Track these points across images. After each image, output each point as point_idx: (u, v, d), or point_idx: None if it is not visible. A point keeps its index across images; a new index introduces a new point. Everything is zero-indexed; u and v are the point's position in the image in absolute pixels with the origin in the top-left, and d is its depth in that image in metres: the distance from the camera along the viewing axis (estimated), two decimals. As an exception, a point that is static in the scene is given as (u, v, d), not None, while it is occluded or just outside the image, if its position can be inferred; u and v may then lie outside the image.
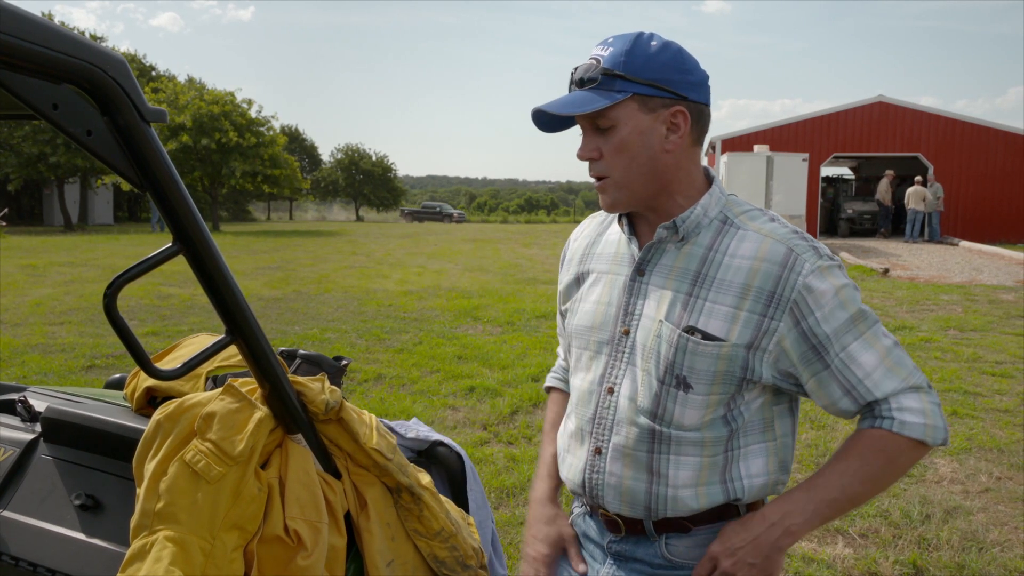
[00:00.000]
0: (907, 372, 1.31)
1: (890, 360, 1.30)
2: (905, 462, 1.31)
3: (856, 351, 1.28)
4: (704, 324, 1.29)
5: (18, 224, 32.31)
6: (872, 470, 1.30)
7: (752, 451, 1.36)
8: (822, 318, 1.26)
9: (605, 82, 1.26)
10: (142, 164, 1.14)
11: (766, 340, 1.28)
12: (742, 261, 1.29)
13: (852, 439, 1.34)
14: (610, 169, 1.31)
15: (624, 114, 1.27)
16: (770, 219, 1.34)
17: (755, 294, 1.27)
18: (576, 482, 1.46)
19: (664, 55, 1.28)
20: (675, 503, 1.35)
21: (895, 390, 1.29)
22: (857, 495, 1.31)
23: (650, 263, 1.37)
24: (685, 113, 1.30)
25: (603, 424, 1.40)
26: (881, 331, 1.31)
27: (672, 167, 1.32)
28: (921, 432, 1.29)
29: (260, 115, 31.22)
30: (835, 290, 1.27)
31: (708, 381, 1.30)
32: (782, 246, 1.28)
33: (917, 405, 1.30)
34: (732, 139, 25.40)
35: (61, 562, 1.49)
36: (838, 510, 1.33)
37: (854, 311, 1.28)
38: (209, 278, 1.26)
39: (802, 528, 1.31)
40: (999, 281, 13.03)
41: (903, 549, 3.50)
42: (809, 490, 1.32)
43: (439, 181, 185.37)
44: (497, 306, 10.07)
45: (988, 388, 6.16)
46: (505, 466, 4.40)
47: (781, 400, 1.38)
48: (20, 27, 0.94)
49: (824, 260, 1.28)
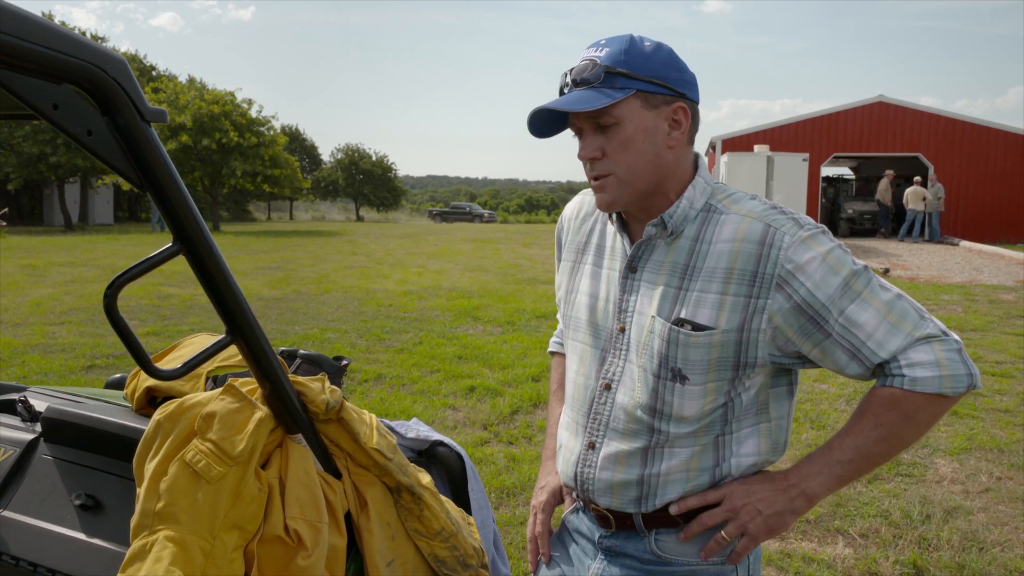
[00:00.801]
0: (912, 324, 1.26)
1: (893, 315, 1.26)
2: (926, 417, 1.27)
3: (854, 313, 1.25)
4: (693, 315, 1.30)
5: (18, 224, 32.31)
6: (888, 430, 1.28)
7: (744, 434, 1.36)
8: (814, 287, 1.24)
9: (607, 80, 1.27)
10: (142, 164, 1.14)
11: (756, 320, 1.27)
12: (723, 246, 1.29)
13: (866, 398, 1.31)
14: (614, 167, 1.31)
15: (628, 111, 1.28)
16: (750, 198, 1.34)
17: (738, 276, 1.27)
18: (568, 475, 1.47)
19: (660, 54, 1.29)
20: (664, 490, 1.36)
21: (901, 346, 1.26)
22: (875, 455, 1.29)
23: (641, 259, 1.38)
24: (686, 109, 1.31)
25: (599, 420, 1.41)
26: (878, 285, 1.27)
27: (672, 164, 1.33)
28: (937, 385, 1.25)
29: (260, 115, 31.21)
30: (822, 256, 1.24)
31: (703, 370, 1.31)
32: (759, 223, 1.28)
33: (928, 357, 1.25)
34: (732, 139, 25.40)
35: (61, 562, 1.49)
36: (855, 471, 1.30)
37: (846, 273, 1.25)
38: (209, 278, 1.26)
39: (819, 490, 1.30)
40: (999, 281, 13.03)
41: (903, 549, 3.50)
42: (825, 453, 1.31)
43: (439, 181, 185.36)
44: (497, 306, 10.07)
45: (988, 388, 6.16)
46: (505, 466, 4.40)
47: (779, 382, 1.37)
48: (20, 27, 0.94)
49: (805, 229, 1.26)
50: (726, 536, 1.34)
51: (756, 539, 1.33)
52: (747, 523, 1.32)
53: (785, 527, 1.33)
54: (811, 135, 25.24)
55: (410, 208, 63.25)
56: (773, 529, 1.33)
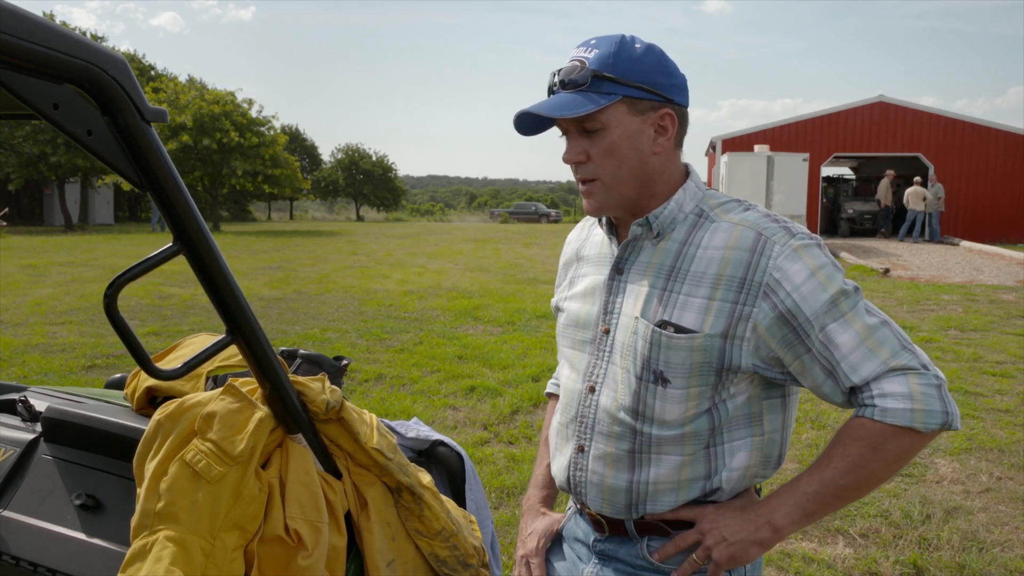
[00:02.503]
0: (890, 352, 1.23)
1: (873, 340, 1.23)
2: (894, 451, 1.23)
3: (834, 332, 1.23)
4: (677, 317, 1.29)
5: (19, 224, 32.31)
6: (853, 461, 1.24)
7: (736, 446, 1.34)
8: (800, 300, 1.22)
9: (594, 84, 1.26)
10: (143, 164, 1.14)
11: (741, 327, 1.25)
12: (714, 252, 1.28)
13: (840, 429, 1.30)
14: (599, 172, 1.30)
15: (614, 117, 1.27)
16: (744, 208, 1.33)
17: (726, 282, 1.26)
18: (562, 479, 1.47)
19: (649, 58, 1.28)
20: (654, 499, 1.35)
21: (874, 373, 1.23)
22: (842, 487, 1.25)
23: (627, 261, 1.38)
24: (672, 115, 1.31)
25: (585, 423, 1.40)
26: (864, 309, 1.26)
27: (658, 169, 1.33)
28: (908, 418, 1.21)
29: (260, 115, 31.22)
30: (812, 270, 1.23)
31: (684, 374, 1.29)
32: (751, 231, 1.27)
33: (901, 389, 1.22)
34: (732, 139, 25.40)
35: (61, 562, 1.49)
36: (822, 504, 1.26)
37: (835, 291, 1.23)
38: (209, 278, 1.26)
39: (783, 522, 1.27)
40: (999, 281, 13.02)
41: (903, 549, 3.50)
42: (793, 485, 1.29)
43: (439, 181, 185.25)
44: (497, 306, 10.07)
45: (989, 388, 6.16)
46: (505, 466, 4.41)
47: (773, 394, 1.35)
48: (21, 27, 0.94)
49: (798, 239, 1.25)
50: (696, 559, 1.33)
51: (720, 566, 1.31)
52: (711, 548, 1.31)
53: (749, 558, 1.30)
54: (811, 135, 25.24)
55: (410, 208, 63.11)
56: (735, 558, 1.30)
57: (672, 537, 1.37)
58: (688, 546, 1.35)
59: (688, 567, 1.34)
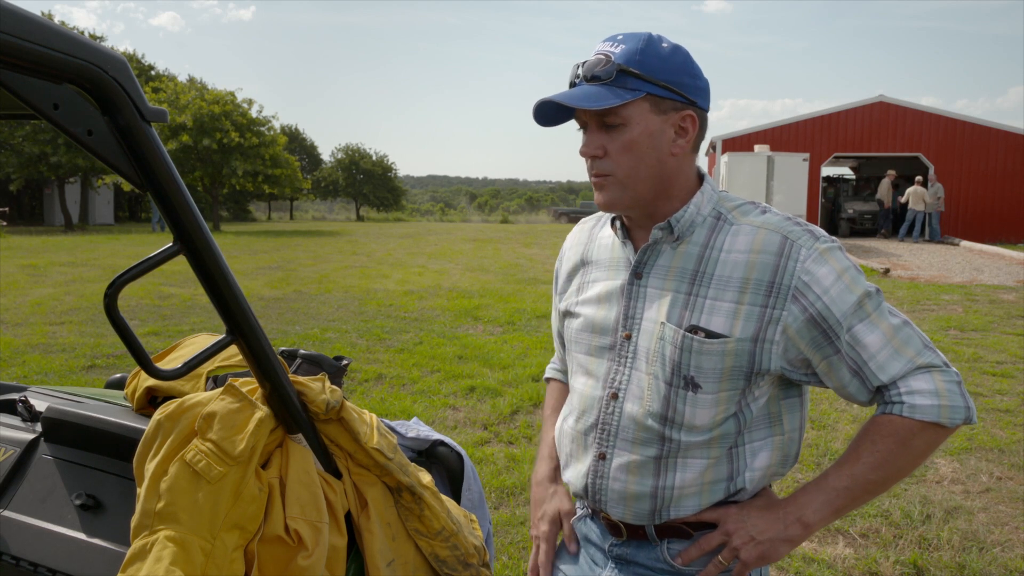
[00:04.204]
0: (915, 351, 1.27)
1: (897, 340, 1.27)
2: (921, 445, 1.27)
3: (861, 332, 1.26)
4: (707, 322, 1.28)
5: (19, 224, 32.31)
6: (883, 456, 1.28)
7: (757, 446, 1.35)
8: (830, 302, 1.24)
9: (619, 79, 1.25)
10: (143, 164, 1.14)
11: (771, 331, 1.26)
12: (739, 255, 1.28)
13: (865, 426, 1.32)
14: (615, 168, 1.29)
15: (636, 113, 1.26)
16: (762, 211, 1.33)
17: (754, 286, 1.26)
18: (579, 487, 1.45)
19: (677, 58, 1.27)
20: (678, 504, 1.35)
21: (902, 372, 1.27)
22: (872, 482, 1.29)
23: (647, 265, 1.36)
24: (694, 118, 1.30)
25: (607, 430, 1.38)
26: (887, 310, 1.29)
27: (675, 171, 1.32)
28: (935, 414, 1.26)
29: (261, 115, 31.20)
30: (838, 273, 1.25)
31: (716, 379, 1.29)
32: (777, 235, 1.27)
33: (928, 386, 1.26)
34: (732, 139, 25.40)
35: (62, 562, 1.49)
36: (852, 499, 1.30)
37: (860, 293, 1.26)
38: (209, 278, 1.26)
39: (815, 518, 1.29)
40: (1000, 281, 13.03)
41: (904, 549, 3.50)
42: (822, 481, 1.31)
43: (439, 181, 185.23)
44: (497, 306, 10.07)
45: (989, 388, 6.16)
46: (505, 466, 4.41)
47: (791, 394, 1.36)
48: (21, 27, 0.94)
49: (822, 242, 1.27)
50: (722, 560, 1.33)
51: (748, 565, 1.32)
52: (739, 548, 1.31)
53: (778, 556, 1.32)
54: (811, 135, 25.24)
55: (410, 208, 63.06)
56: (765, 556, 1.31)
57: (695, 539, 1.36)
58: (713, 548, 1.34)
59: (713, 569, 1.34)
